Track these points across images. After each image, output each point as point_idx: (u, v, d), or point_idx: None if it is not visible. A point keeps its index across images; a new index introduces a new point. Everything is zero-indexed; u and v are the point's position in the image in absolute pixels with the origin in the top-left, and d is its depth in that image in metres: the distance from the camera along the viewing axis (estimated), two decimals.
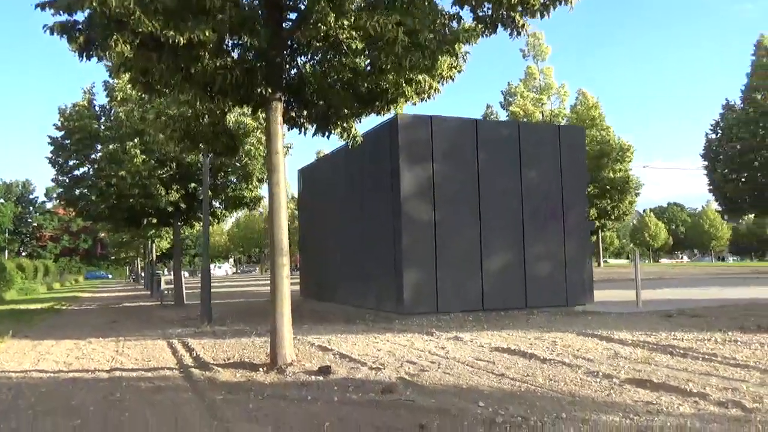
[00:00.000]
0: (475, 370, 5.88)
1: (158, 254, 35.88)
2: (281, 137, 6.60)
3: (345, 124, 7.50)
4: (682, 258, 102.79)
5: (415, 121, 10.74)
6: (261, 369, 6.28)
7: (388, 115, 8.01)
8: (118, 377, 6.39)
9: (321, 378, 5.75)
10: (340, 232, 13.28)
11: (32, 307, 19.59)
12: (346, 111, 7.23)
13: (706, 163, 30.85)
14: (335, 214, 13.77)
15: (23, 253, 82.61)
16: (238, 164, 16.50)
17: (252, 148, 16.09)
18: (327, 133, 7.57)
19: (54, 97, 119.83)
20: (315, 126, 7.35)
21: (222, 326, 10.86)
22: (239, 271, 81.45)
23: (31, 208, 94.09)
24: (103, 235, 66.93)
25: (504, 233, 11.15)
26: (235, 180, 16.98)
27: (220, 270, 74.19)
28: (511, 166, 11.32)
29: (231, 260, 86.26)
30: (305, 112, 7.13)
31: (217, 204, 18.33)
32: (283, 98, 6.62)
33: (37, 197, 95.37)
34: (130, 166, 14.98)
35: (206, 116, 7.40)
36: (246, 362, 6.82)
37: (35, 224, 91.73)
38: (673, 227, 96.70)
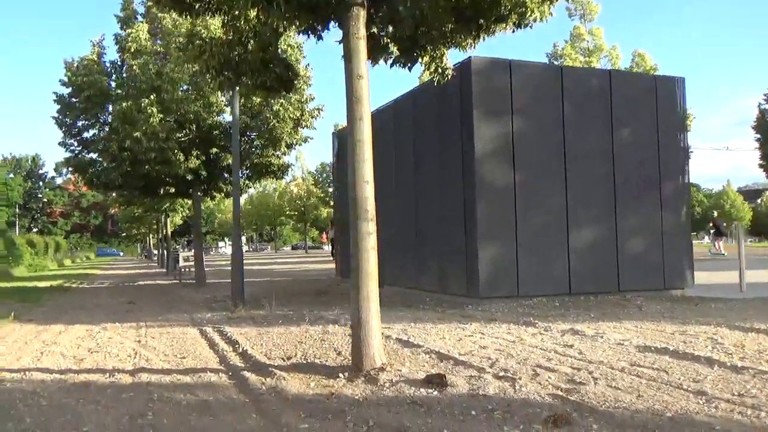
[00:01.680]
0: (653, 383, 4.15)
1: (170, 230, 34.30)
2: (364, 56, 4.80)
3: (435, 52, 5.71)
4: (703, 238, 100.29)
5: (491, 66, 8.89)
6: (341, 375, 4.58)
7: (468, 53, 6.12)
8: (146, 383, 4.72)
9: (436, 393, 4.04)
10: (388, 203, 11.51)
11: (41, 284, 18.09)
12: (436, 33, 5.43)
13: (759, 135, 28.72)
14: (381, 183, 11.99)
15: (34, 230, 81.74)
16: (264, 127, 14.71)
17: (281, 108, 14.30)
18: (411, 64, 5.79)
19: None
20: (398, 52, 5.55)
21: (259, 310, 9.20)
22: (250, 249, 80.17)
23: (41, 183, 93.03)
24: (113, 211, 65.62)
25: (593, 203, 9.35)
26: (260, 145, 15.19)
27: (227, 248, 72.84)
28: (602, 123, 9.47)
29: (243, 238, 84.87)
30: (390, 29, 5.32)
31: (239, 173, 16.60)
32: (365, 2, 4.82)
33: (47, 172, 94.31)
34: (146, 127, 13.22)
35: (253, 40, 5.62)
36: (315, 363, 5.12)
37: (45, 200, 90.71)
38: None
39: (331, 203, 48.93)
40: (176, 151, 14.25)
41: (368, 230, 4.69)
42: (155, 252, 48.99)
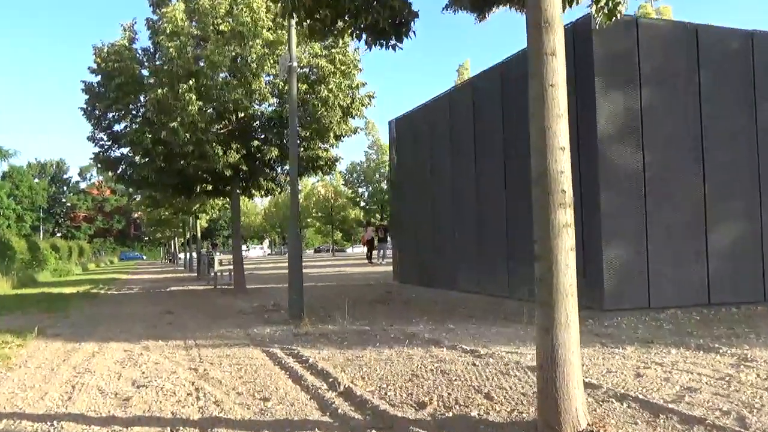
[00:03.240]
0: None
1: (189, 235, 33.07)
2: None
3: None
4: None
5: (614, 24, 7.23)
6: None
7: None
8: None
9: None
10: (466, 194, 9.92)
11: (67, 290, 16.81)
12: None
13: None
14: (454, 171, 10.42)
15: (58, 234, 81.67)
16: (310, 117, 13.19)
17: (329, 95, 12.78)
18: None
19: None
20: None
21: (326, 324, 7.67)
22: (273, 252, 79.07)
23: (65, 188, 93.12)
24: (137, 215, 64.92)
25: (735, 194, 7.65)
26: (306, 136, 13.69)
27: (256, 251, 71.76)
28: (742, 95, 7.77)
29: (266, 241, 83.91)
30: None
31: (279, 170, 15.14)
32: None
33: (71, 177, 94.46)
34: (184, 116, 11.80)
35: None
36: (471, 417, 3.51)
37: (69, 204, 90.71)
38: None
39: (362, 204, 47.41)
40: (214, 144, 12.82)
41: (565, 221, 3.09)
42: (180, 255, 48.04)
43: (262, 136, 13.61)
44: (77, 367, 5.63)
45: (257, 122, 13.90)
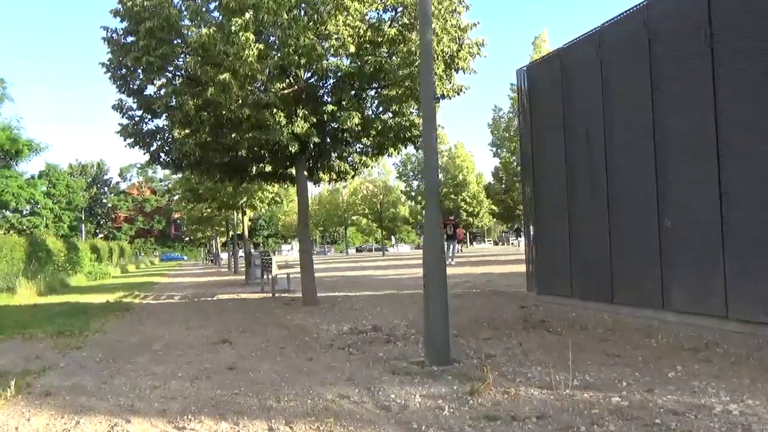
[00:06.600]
0: None
1: (232, 233, 30.13)
2: None
3: None
4: None
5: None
6: None
7: None
8: None
9: None
10: (634, 160, 6.30)
11: (96, 299, 13.87)
12: None
13: None
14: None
15: (99, 235, 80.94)
16: (400, 70, 9.75)
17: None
18: None
19: None
20: None
21: (515, 378, 4.25)
22: (315, 251, 76.30)
23: (106, 188, 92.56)
24: (177, 215, 62.99)
25: None
26: (395, 96, 10.29)
27: (293, 251, 68.69)
28: None
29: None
30: None
31: (358, 146, 11.79)
32: None
33: (111, 178, 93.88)
34: (238, 65, 8.55)
35: None
36: None
37: (110, 205, 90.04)
38: None
39: (419, 198, 43.85)
40: (276, 110, 9.56)
41: None
42: (223, 256, 45.43)
43: (338, 100, 10.27)
44: None
45: (331, 80, 10.57)
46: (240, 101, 9.16)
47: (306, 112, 10.08)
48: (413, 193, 40.29)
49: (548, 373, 4.39)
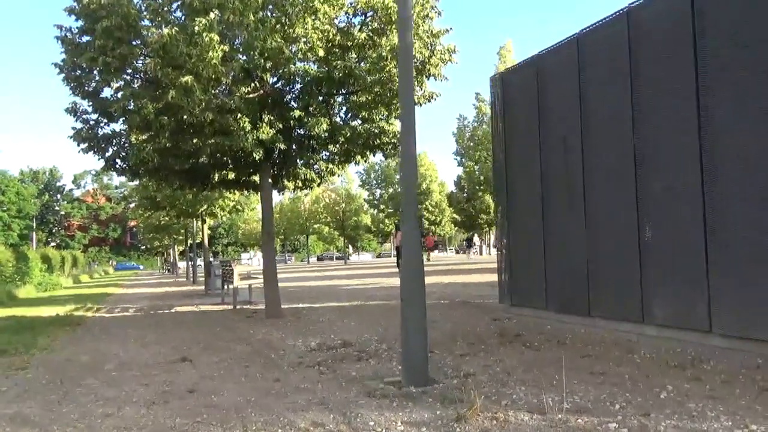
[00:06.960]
0: None
1: (191, 242, 29.27)
2: None
3: None
4: None
5: None
6: None
7: None
8: None
9: None
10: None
11: (45, 313, 13.06)
12: None
13: None
14: (592, 138, 6.76)
15: (51, 243, 77.78)
16: (370, 75, 9.49)
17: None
18: None
19: None
20: None
21: (501, 401, 3.99)
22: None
23: (59, 195, 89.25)
24: (133, 223, 61.01)
25: None
26: (365, 102, 10.00)
27: (254, 260, 67.16)
28: None
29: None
30: None
31: (324, 153, 11.43)
32: None
33: (65, 185, 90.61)
34: (201, 67, 8.13)
35: None
36: None
37: (63, 213, 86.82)
38: None
39: (381, 206, 43.62)
40: (240, 115, 9.17)
41: None
42: (180, 265, 44.17)
43: (304, 105, 9.93)
44: None
45: (298, 85, 10.23)
46: (203, 105, 8.73)
47: (272, 118, 9.74)
48: (376, 201, 40.04)
49: (535, 395, 4.16)
